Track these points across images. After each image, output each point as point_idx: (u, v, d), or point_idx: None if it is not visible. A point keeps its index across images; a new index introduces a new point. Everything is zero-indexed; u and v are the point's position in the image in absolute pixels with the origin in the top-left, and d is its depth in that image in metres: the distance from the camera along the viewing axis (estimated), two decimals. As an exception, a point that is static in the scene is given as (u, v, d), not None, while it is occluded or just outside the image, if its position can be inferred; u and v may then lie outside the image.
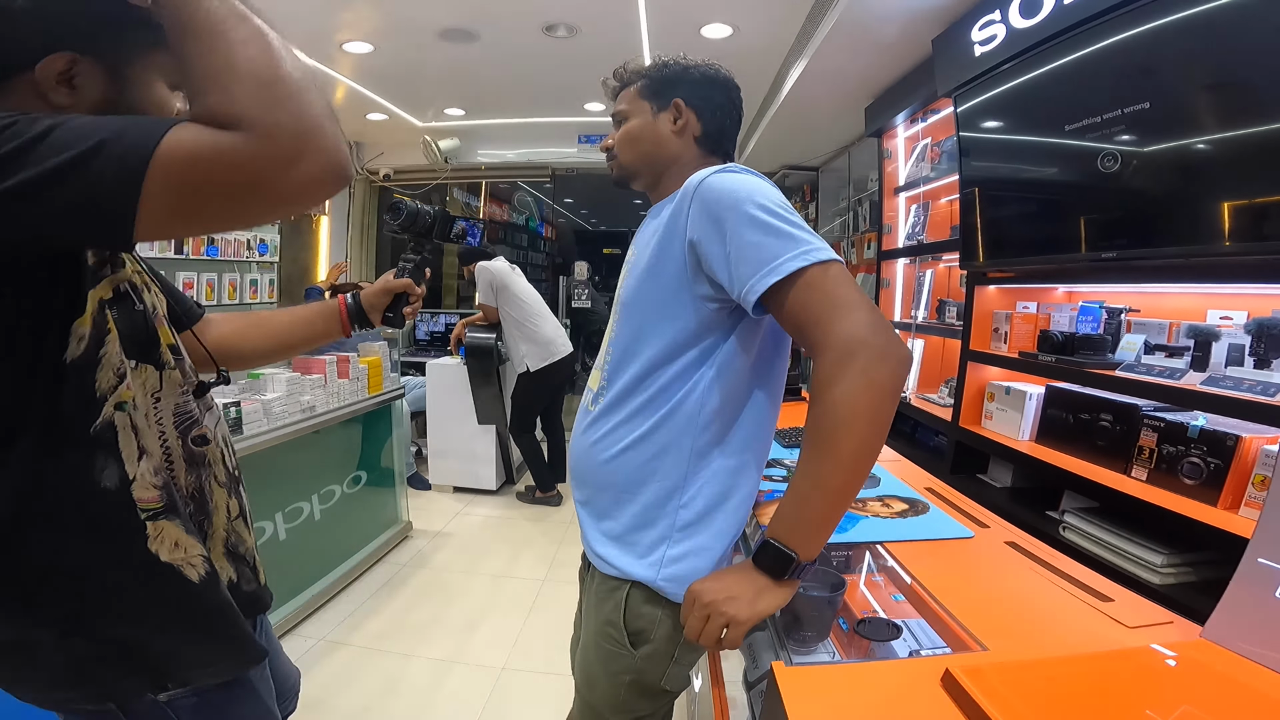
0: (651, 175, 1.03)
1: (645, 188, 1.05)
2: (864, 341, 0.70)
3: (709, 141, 1.01)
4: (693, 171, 0.95)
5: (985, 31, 2.06)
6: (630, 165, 1.03)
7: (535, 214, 8.01)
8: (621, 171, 1.04)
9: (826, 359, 0.72)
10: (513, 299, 3.41)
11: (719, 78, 1.02)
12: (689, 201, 0.83)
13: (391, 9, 2.83)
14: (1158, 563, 1.40)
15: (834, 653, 0.84)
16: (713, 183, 0.82)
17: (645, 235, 0.97)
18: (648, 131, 1.00)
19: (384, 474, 2.98)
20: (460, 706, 1.91)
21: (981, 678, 0.65)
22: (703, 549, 0.90)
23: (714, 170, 0.84)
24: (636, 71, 1.03)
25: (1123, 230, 1.62)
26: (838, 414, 0.71)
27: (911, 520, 1.20)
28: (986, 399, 2.16)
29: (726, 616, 0.77)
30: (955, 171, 2.34)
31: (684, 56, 1.03)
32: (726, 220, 0.79)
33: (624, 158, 1.03)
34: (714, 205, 0.80)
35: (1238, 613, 0.75)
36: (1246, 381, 1.34)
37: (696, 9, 2.71)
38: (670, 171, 1.00)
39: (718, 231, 0.79)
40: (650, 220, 0.99)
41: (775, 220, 0.77)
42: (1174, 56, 1.44)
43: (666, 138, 1.00)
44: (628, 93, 1.03)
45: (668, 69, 1.01)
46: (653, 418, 0.88)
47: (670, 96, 0.99)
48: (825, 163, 4.85)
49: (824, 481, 0.74)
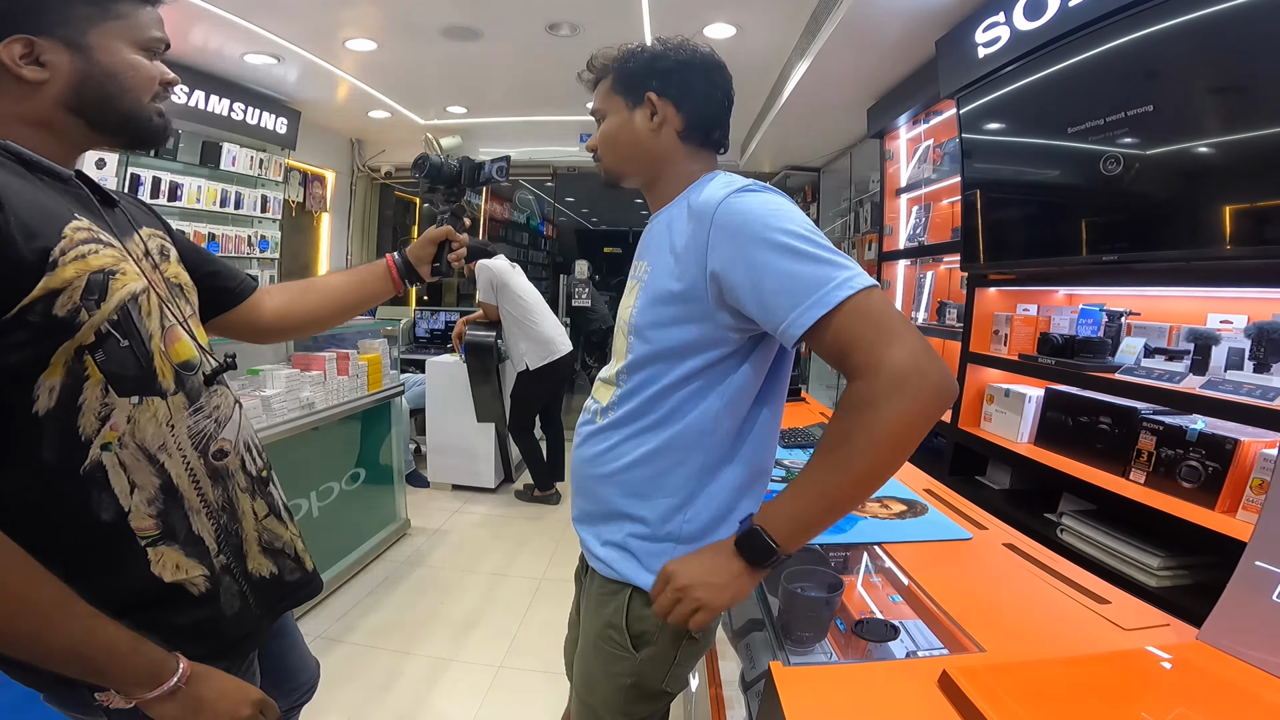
0: (640, 177, 0.96)
1: (640, 188, 0.99)
2: (919, 371, 0.68)
3: (694, 135, 0.92)
4: (685, 170, 0.93)
5: (989, 33, 2.06)
6: (613, 168, 0.97)
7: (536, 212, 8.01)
8: (608, 175, 0.98)
9: (875, 383, 0.69)
10: (513, 297, 3.40)
11: (695, 61, 0.91)
12: (708, 227, 0.78)
13: (395, 6, 2.83)
14: (1155, 565, 1.40)
15: (831, 653, 0.84)
16: (733, 206, 0.77)
17: (655, 249, 0.90)
18: (624, 132, 0.92)
19: (383, 471, 2.98)
20: (457, 704, 1.92)
21: (978, 679, 0.65)
22: None
23: (730, 191, 0.78)
24: (605, 65, 0.95)
25: (1124, 233, 1.62)
26: (871, 435, 0.69)
27: (910, 522, 1.20)
28: (986, 401, 2.16)
29: (699, 602, 0.77)
30: (957, 173, 2.34)
31: (656, 42, 0.93)
32: (753, 249, 0.74)
33: (608, 162, 0.97)
34: (737, 233, 0.75)
35: (1234, 615, 0.75)
36: (1246, 385, 1.34)
37: (700, 8, 2.71)
38: (662, 172, 0.94)
39: (744, 262, 0.75)
40: (657, 230, 0.92)
41: (807, 245, 0.73)
42: (1178, 60, 1.44)
43: (645, 137, 0.91)
44: (601, 88, 0.95)
45: (634, 60, 0.91)
46: (664, 435, 0.86)
47: (642, 91, 0.90)
48: (827, 163, 4.85)
49: (832, 490, 0.73)
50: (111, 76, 0.66)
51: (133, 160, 3.22)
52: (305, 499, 2.35)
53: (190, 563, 0.71)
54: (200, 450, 0.74)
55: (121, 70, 0.67)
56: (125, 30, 0.67)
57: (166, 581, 0.69)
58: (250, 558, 0.79)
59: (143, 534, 0.67)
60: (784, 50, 3.10)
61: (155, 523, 0.68)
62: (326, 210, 5.21)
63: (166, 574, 0.69)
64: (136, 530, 0.67)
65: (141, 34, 0.68)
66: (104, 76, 0.66)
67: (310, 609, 2.36)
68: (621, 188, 1.00)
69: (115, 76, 0.67)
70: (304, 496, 2.34)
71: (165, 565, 0.69)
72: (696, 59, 0.91)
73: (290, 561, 0.86)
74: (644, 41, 0.92)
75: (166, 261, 0.80)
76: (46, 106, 0.65)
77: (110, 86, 0.66)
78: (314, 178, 4.98)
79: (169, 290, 0.76)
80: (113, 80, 0.67)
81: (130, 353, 0.66)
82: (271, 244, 4.34)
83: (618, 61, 0.93)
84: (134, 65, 0.68)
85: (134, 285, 0.67)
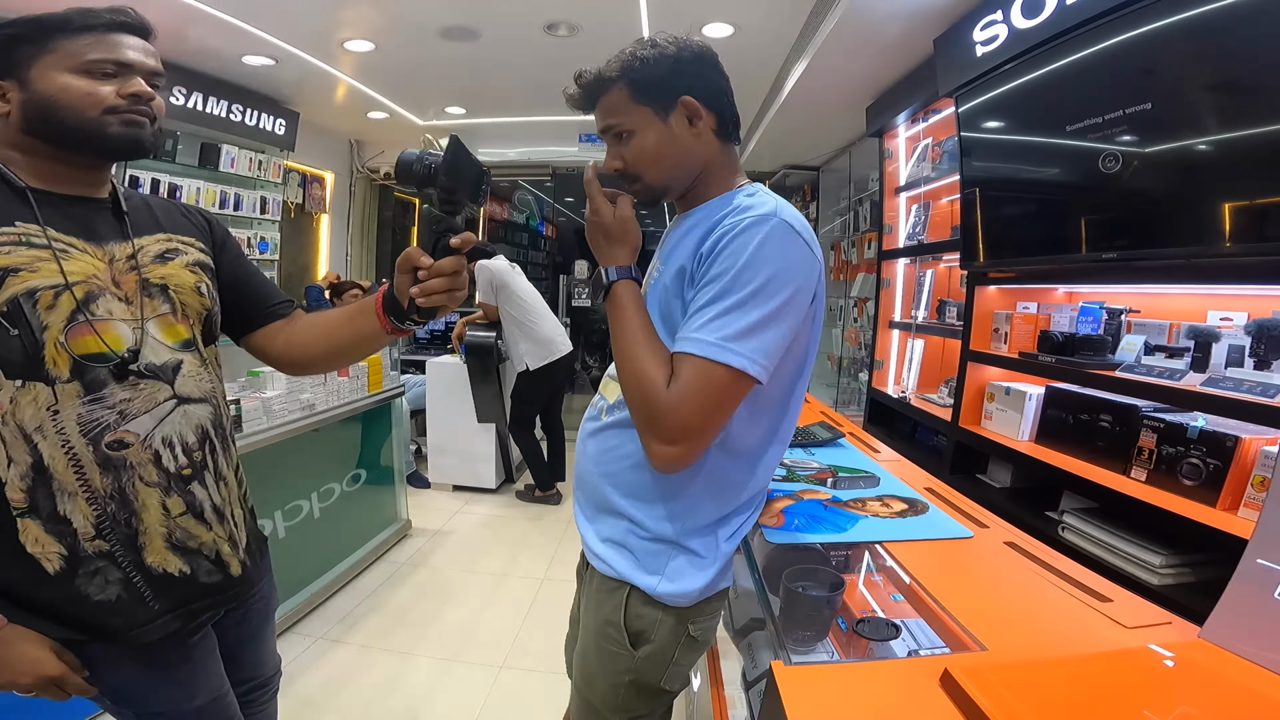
0: (685, 186, 0.92)
1: (676, 198, 0.95)
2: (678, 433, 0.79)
3: (727, 130, 0.91)
4: (720, 171, 0.92)
5: (987, 32, 2.06)
6: (662, 184, 0.90)
7: (536, 213, 8.01)
8: (651, 193, 0.91)
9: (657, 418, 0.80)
10: (513, 297, 3.40)
11: (706, 54, 0.89)
12: (727, 240, 0.81)
13: (393, 7, 2.82)
14: (1156, 563, 1.40)
15: (833, 652, 0.84)
16: (745, 233, 0.80)
17: (673, 252, 0.90)
18: (668, 145, 0.87)
19: (383, 472, 2.98)
20: (459, 705, 1.92)
21: (980, 678, 0.65)
22: (705, 560, 0.90)
23: (753, 221, 0.80)
24: (609, 77, 0.87)
25: (1124, 231, 1.62)
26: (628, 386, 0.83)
27: (911, 520, 1.20)
28: (986, 399, 2.16)
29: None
30: (956, 171, 2.34)
31: (653, 42, 0.87)
32: (723, 271, 0.79)
33: (653, 178, 0.90)
34: (724, 251, 0.80)
35: (1236, 613, 0.75)
36: (1246, 383, 1.34)
37: (698, 8, 2.71)
38: (702, 177, 0.91)
39: (714, 270, 0.80)
40: (681, 235, 0.91)
41: (734, 297, 0.78)
42: (1176, 57, 1.44)
43: (691, 144, 0.88)
44: (613, 100, 0.88)
45: (651, 64, 0.86)
46: None
47: (673, 95, 0.86)
48: (826, 162, 4.85)
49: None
50: (47, 98, 0.78)
51: (130, 163, 3.22)
52: (306, 500, 2.35)
53: (49, 539, 0.78)
54: (90, 438, 0.79)
55: (54, 93, 0.78)
56: (59, 60, 0.79)
57: (28, 552, 0.78)
58: (150, 551, 0.83)
59: (14, 505, 0.77)
60: (782, 49, 3.10)
61: (24, 497, 0.77)
62: (326, 211, 5.20)
63: (29, 545, 0.78)
64: (10, 500, 0.77)
65: (76, 60, 0.79)
66: (41, 100, 0.78)
67: (311, 610, 2.36)
68: (658, 206, 0.95)
69: (50, 98, 0.78)
70: (305, 498, 2.34)
71: (28, 537, 0.78)
72: (707, 53, 0.90)
73: (208, 563, 0.89)
74: (642, 42, 0.88)
75: (162, 264, 0.88)
76: (14, 132, 0.80)
77: (46, 107, 0.78)
78: (313, 179, 4.97)
79: (140, 289, 0.84)
80: (48, 101, 0.78)
81: (19, 341, 0.75)
82: (271, 245, 4.33)
83: (628, 69, 0.86)
84: (65, 87, 0.78)
85: (36, 282, 0.76)
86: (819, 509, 1.20)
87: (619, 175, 0.91)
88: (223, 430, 0.93)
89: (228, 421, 0.96)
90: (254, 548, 0.99)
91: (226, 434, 0.95)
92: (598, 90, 0.89)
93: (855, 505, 1.26)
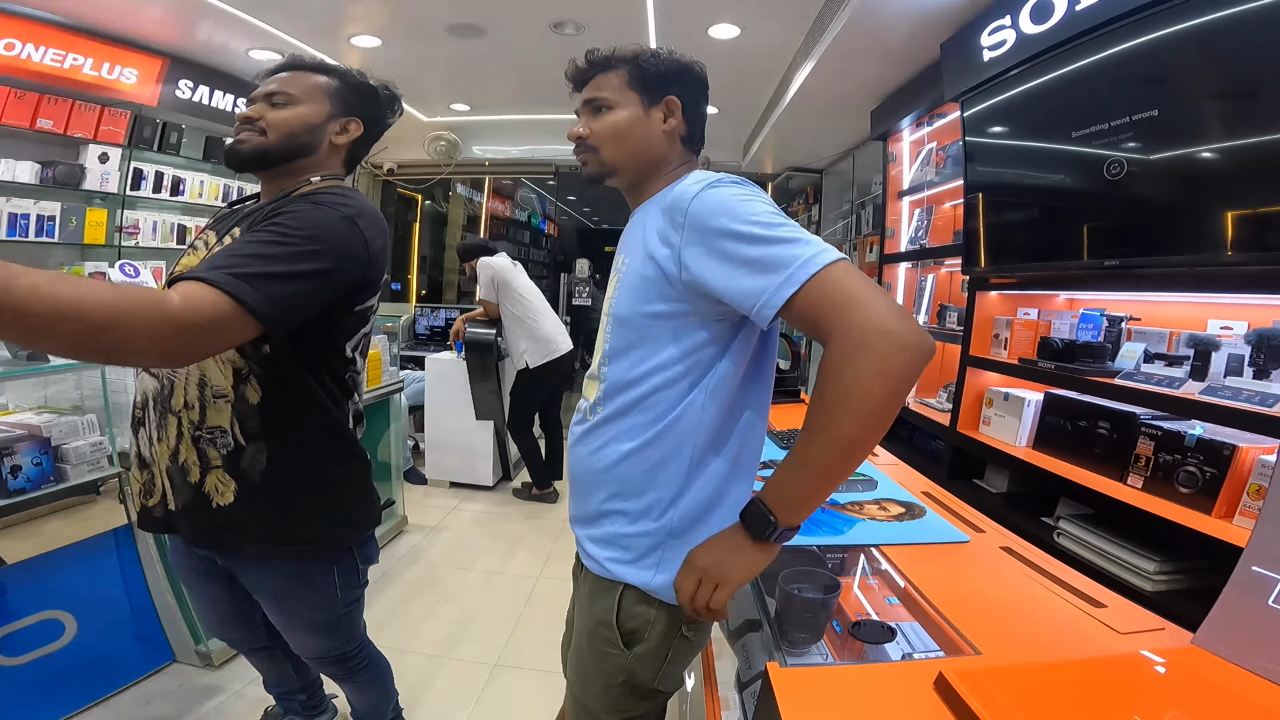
0: (634, 174, 0.97)
1: (623, 186, 0.99)
2: (882, 330, 0.69)
3: (693, 142, 0.98)
4: (675, 173, 0.95)
5: (995, 36, 2.06)
6: (614, 162, 0.95)
7: (538, 211, 8.02)
8: (600, 168, 0.96)
9: (841, 346, 0.71)
10: (514, 295, 3.40)
11: (705, 80, 0.98)
12: (682, 221, 0.81)
13: (400, 3, 2.82)
14: (1151, 570, 1.40)
15: (828, 655, 0.84)
16: (705, 200, 0.80)
17: (633, 242, 0.92)
18: (638, 128, 0.93)
19: (380, 468, 2.98)
20: (453, 702, 1.92)
21: (974, 681, 0.65)
22: None
23: (703, 185, 0.82)
24: (623, 58, 0.94)
25: (1126, 238, 1.62)
26: (843, 396, 0.70)
27: (907, 524, 1.20)
28: (985, 405, 2.16)
29: (716, 579, 0.80)
30: (960, 176, 2.34)
31: (673, 52, 0.96)
32: (724, 240, 0.78)
33: (608, 153, 0.95)
34: (709, 224, 0.79)
35: (1230, 620, 0.76)
36: (1245, 392, 1.34)
37: (704, 9, 2.71)
38: (654, 172, 0.96)
39: (716, 251, 0.79)
40: (636, 226, 0.94)
41: (773, 230, 0.76)
42: (1184, 64, 1.44)
43: (657, 136, 0.94)
44: (610, 79, 0.94)
45: (664, 62, 0.94)
46: (654, 428, 0.87)
47: (664, 93, 0.93)
48: (829, 165, 4.85)
49: (816, 457, 0.74)
50: None
51: (135, 155, 3.23)
52: (304, 494, 2.34)
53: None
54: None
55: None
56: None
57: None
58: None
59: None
60: (788, 51, 3.10)
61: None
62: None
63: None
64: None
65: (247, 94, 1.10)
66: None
67: (308, 604, 2.36)
68: (601, 184, 0.98)
69: None
70: (303, 492, 2.33)
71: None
72: (704, 77, 0.98)
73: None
74: (650, 43, 0.92)
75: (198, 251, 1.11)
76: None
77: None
78: (316, 173, 4.97)
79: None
80: None
81: None
82: (273, 239, 4.33)
83: (636, 58, 0.94)
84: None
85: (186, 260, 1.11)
86: (816, 511, 1.20)
87: (578, 142, 0.96)
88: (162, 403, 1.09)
89: (175, 399, 1.08)
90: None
91: (166, 406, 1.08)
92: (603, 66, 0.95)
93: (853, 508, 1.26)
